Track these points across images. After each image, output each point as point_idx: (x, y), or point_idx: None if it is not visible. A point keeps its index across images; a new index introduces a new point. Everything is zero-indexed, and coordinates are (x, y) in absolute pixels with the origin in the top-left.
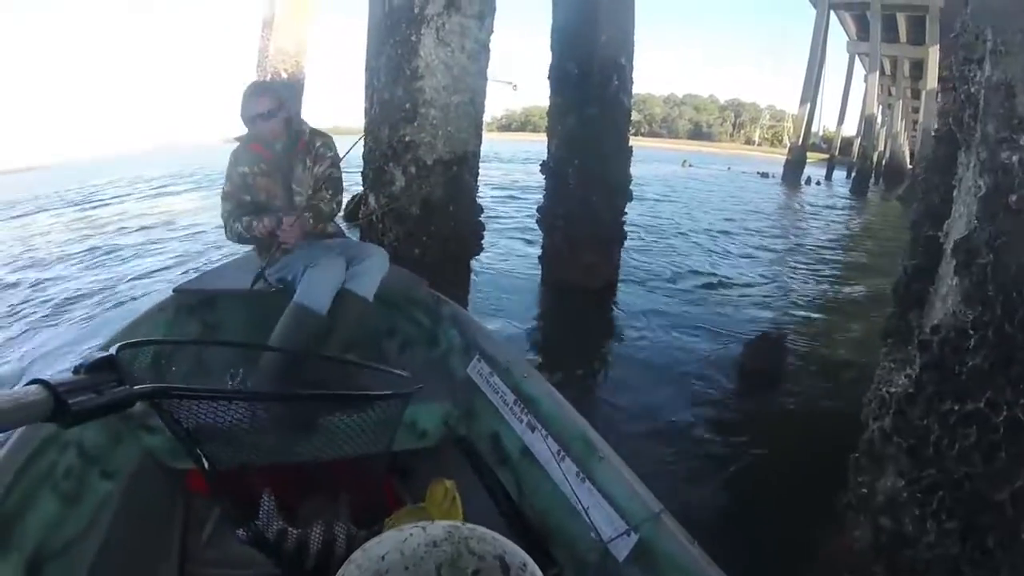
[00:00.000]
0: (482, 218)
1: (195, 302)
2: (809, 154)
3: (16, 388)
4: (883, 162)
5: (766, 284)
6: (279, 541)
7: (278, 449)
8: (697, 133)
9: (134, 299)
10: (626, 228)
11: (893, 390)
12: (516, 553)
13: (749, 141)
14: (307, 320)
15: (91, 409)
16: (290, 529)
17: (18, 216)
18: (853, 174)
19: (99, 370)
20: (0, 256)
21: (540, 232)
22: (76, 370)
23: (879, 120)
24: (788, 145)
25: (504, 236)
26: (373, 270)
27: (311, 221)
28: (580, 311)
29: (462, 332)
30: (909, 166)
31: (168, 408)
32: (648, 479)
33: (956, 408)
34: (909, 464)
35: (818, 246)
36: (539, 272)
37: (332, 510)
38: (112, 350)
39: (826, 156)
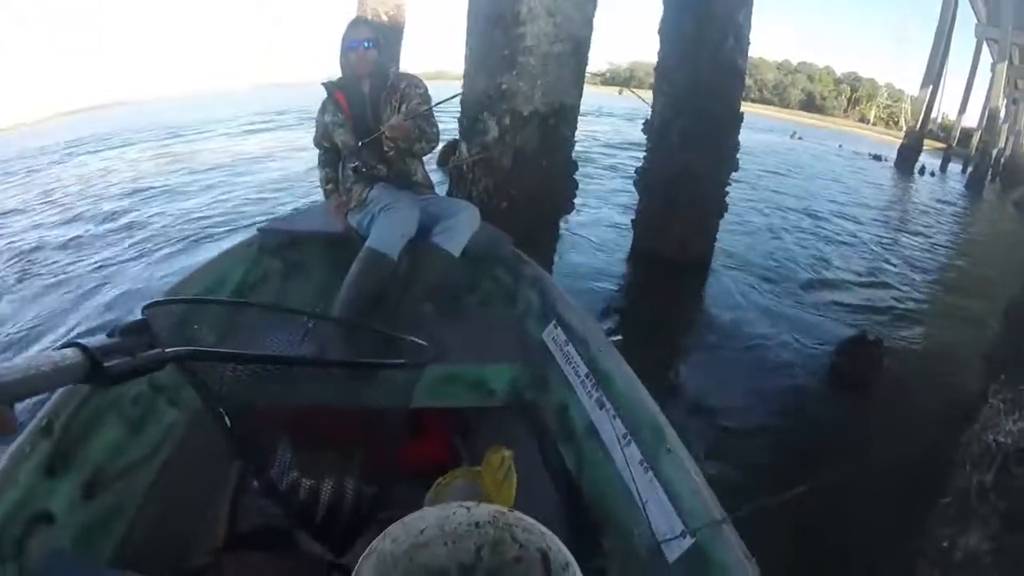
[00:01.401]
0: (576, 176)
1: (279, 242)
2: (925, 142)
3: (53, 351)
4: (1003, 160)
5: (867, 283)
6: (291, 491)
7: (298, 394)
8: (809, 104)
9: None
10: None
11: (1001, 439)
12: (560, 551)
13: (863, 119)
14: (378, 263)
15: (125, 371)
16: (304, 480)
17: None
18: (970, 169)
19: (132, 333)
20: (96, 188)
21: (635, 196)
22: (111, 333)
23: (1003, 113)
24: (904, 129)
25: (596, 197)
26: (463, 227)
27: (414, 133)
28: (668, 286)
29: (542, 295)
30: None
31: (197, 369)
32: (713, 481)
33: None
34: (1002, 530)
35: (925, 248)
36: (628, 240)
37: (344, 466)
38: (140, 313)
39: (943, 146)
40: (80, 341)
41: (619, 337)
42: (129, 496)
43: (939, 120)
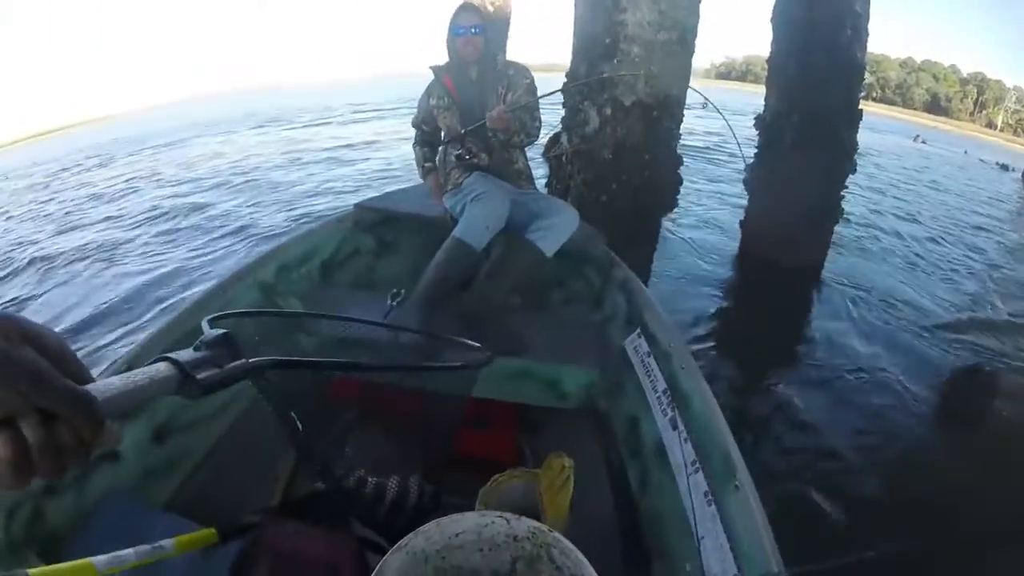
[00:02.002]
0: (681, 171)
1: (374, 219)
2: None
3: (148, 366)
4: None
5: (986, 315)
6: (357, 488)
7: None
8: (933, 106)
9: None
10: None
11: None
12: None
13: (990, 124)
14: (462, 253)
15: (214, 383)
16: (370, 478)
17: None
18: None
19: (216, 346)
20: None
21: (745, 197)
22: (197, 347)
23: None
24: None
25: (704, 196)
26: (561, 228)
27: (515, 124)
28: (773, 293)
29: (629, 300)
30: None
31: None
32: (780, 524)
33: None
34: None
35: None
36: (735, 243)
37: (408, 462)
38: (209, 327)
39: None
40: (171, 356)
41: (711, 344)
42: (194, 447)
43: None
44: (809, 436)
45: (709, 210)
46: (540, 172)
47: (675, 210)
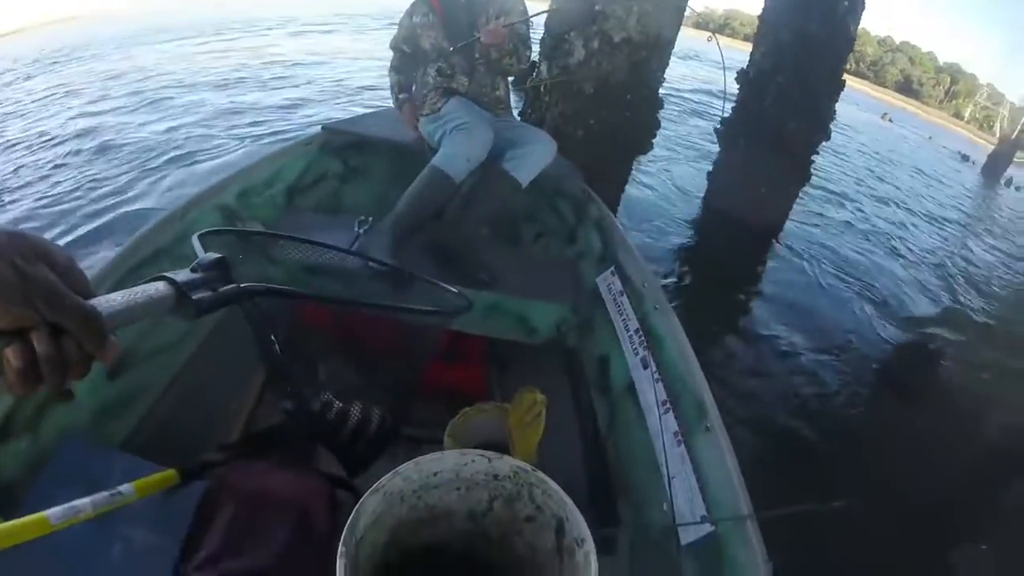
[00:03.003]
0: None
1: (342, 142)
2: (1018, 153)
3: (147, 284)
4: None
5: (936, 292)
6: (323, 411)
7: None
8: (904, 87)
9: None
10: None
11: None
12: (579, 525)
13: (958, 114)
14: (440, 184)
15: (209, 303)
16: (335, 403)
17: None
18: None
19: (212, 268)
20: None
21: (714, 148)
22: (193, 268)
23: None
24: (998, 135)
25: (673, 142)
26: (536, 158)
27: (509, 45)
28: (732, 250)
29: (604, 238)
30: None
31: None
32: (745, 471)
33: None
34: None
35: (1001, 268)
36: (700, 192)
37: (374, 390)
38: (200, 244)
39: None
40: (168, 275)
41: (670, 292)
42: (152, 382)
43: None
44: (751, 402)
45: (681, 157)
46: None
47: (650, 152)
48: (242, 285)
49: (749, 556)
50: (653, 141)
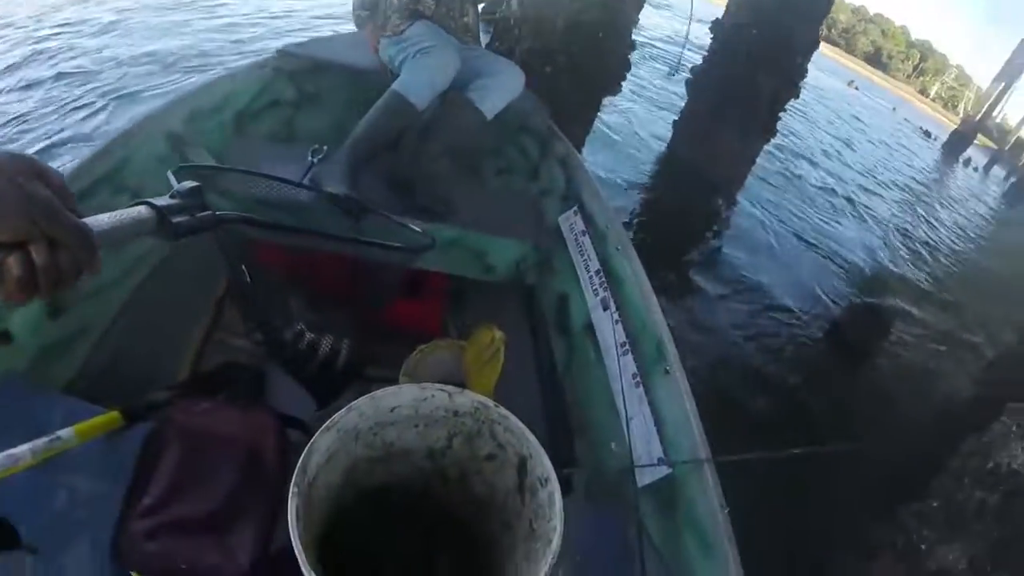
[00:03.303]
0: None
1: (297, 67)
2: (979, 136)
3: (131, 207)
4: None
5: (890, 257)
6: (295, 342)
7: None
8: (874, 59)
9: None
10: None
11: (1015, 466)
12: (543, 464)
13: (924, 91)
14: (401, 110)
15: (187, 228)
16: (307, 334)
17: None
18: (1013, 180)
19: (189, 196)
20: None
21: (683, 98)
22: (173, 195)
23: None
24: (962, 116)
25: (647, 88)
26: (503, 89)
27: None
28: (694, 198)
29: (568, 176)
30: None
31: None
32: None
33: None
34: (990, 557)
35: (953, 240)
36: (664, 139)
37: (343, 323)
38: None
39: (994, 147)
40: (150, 200)
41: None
42: (96, 320)
43: (999, 120)
44: (701, 352)
45: (646, 104)
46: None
47: (617, 95)
48: (217, 213)
49: (705, 501)
50: (622, 84)
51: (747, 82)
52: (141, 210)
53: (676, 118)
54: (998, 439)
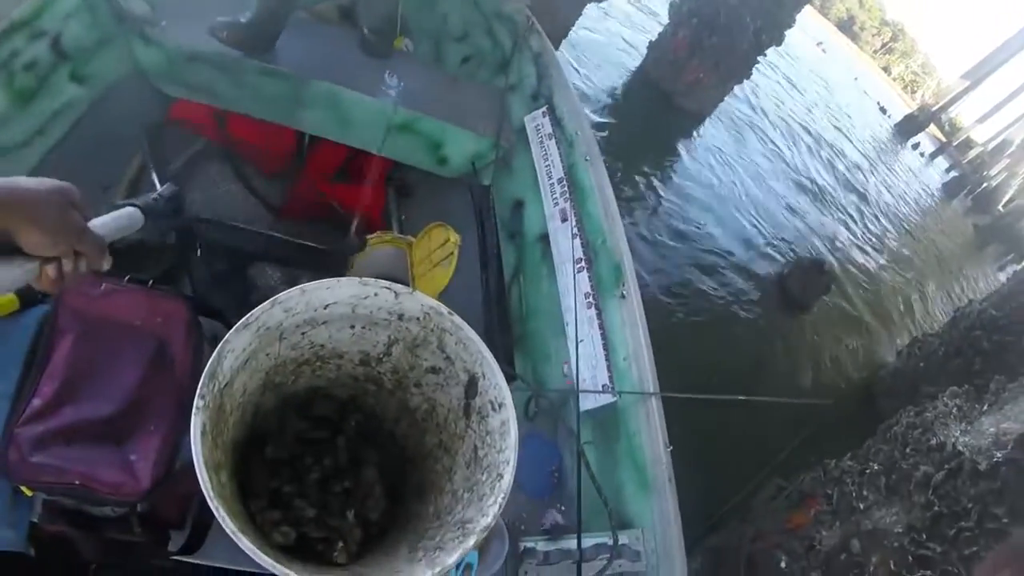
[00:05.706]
0: None
1: None
2: (932, 125)
3: (127, 207)
4: (986, 185)
5: (838, 218)
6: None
7: None
8: (845, 26)
9: None
10: None
11: (959, 447)
12: (496, 384)
13: (887, 69)
14: None
15: (167, 227)
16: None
17: None
18: (953, 173)
19: (170, 199)
20: None
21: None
22: (155, 198)
23: (1015, 147)
24: (920, 103)
25: (620, 17)
26: None
27: None
28: (658, 123)
29: (540, 74)
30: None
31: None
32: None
33: None
34: (927, 528)
35: (894, 215)
36: (638, 61)
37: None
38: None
39: (943, 139)
40: (138, 203)
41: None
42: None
43: (953, 116)
44: (659, 286)
45: (625, 21)
46: None
47: (601, 5)
48: (195, 217)
49: (649, 435)
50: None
51: (731, 18)
52: (131, 212)
53: (653, 39)
54: (939, 417)
